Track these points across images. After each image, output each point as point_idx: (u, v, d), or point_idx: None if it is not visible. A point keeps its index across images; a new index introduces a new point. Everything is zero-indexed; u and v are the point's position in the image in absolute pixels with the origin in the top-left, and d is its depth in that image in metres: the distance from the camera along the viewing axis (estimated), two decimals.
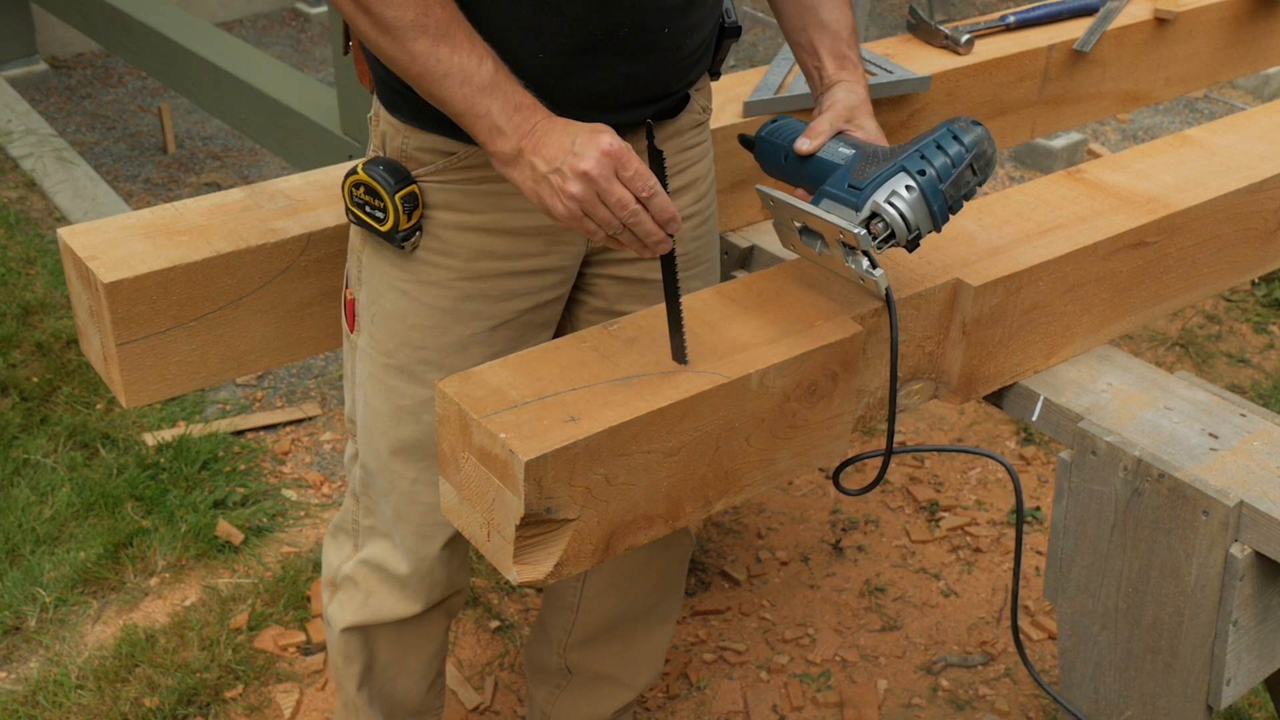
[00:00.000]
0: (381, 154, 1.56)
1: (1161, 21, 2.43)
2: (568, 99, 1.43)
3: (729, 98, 2.01)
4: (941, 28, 2.23)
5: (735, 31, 1.62)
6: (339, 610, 1.84)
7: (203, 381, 1.73)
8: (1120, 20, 2.38)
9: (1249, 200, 1.81)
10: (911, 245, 1.42)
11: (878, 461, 1.53)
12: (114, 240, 1.67)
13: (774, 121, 1.58)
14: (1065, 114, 2.40)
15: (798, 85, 2.02)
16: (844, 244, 1.41)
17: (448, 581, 1.78)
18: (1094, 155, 4.53)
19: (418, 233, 1.54)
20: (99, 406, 3.05)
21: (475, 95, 1.33)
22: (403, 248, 1.54)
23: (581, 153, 1.30)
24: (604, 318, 1.68)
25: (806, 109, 2.00)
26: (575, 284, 1.68)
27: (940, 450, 1.54)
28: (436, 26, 1.32)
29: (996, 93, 2.25)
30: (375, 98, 1.57)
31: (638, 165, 1.31)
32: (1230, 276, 1.88)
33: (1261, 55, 2.69)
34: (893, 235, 1.39)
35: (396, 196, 1.50)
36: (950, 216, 1.42)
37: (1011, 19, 2.33)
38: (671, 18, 1.47)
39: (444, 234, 1.54)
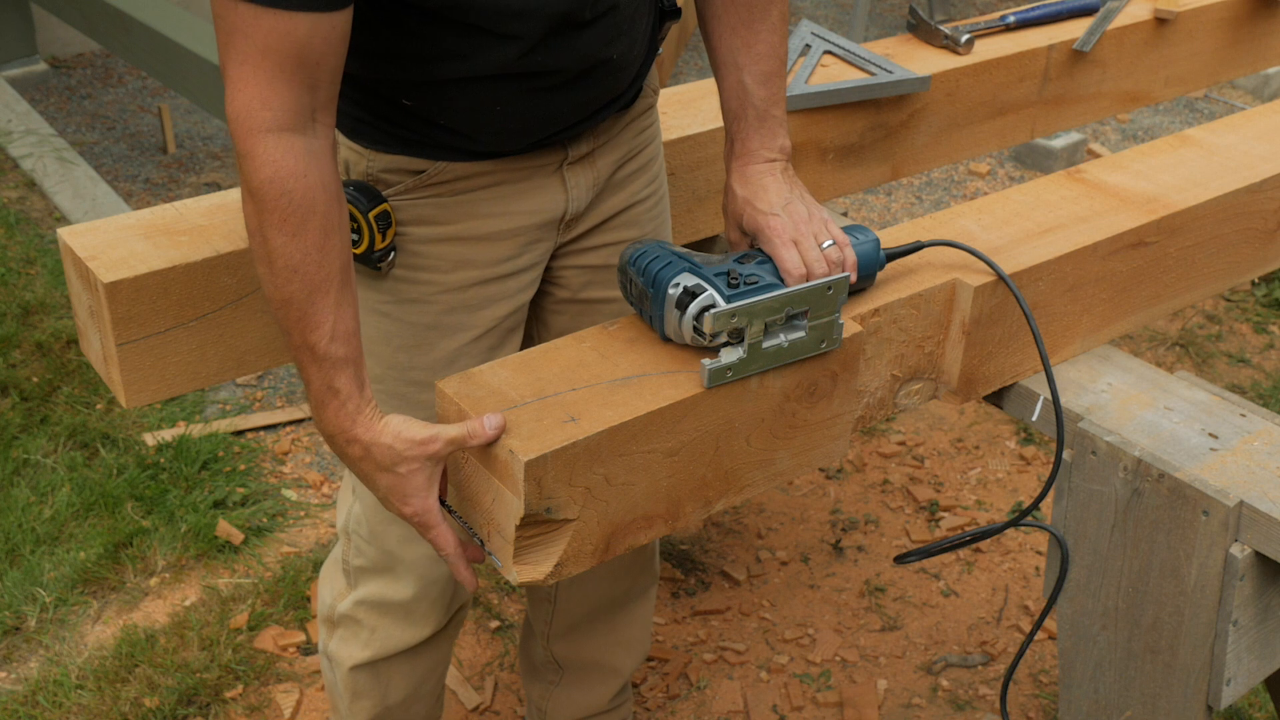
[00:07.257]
0: (346, 178, 1.54)
1: (1161, 21, 2.43)
2: (520, 129, 1.47)
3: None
4: (941, 28, 2.23)
5: (675, 13, 1.61)
6: (342, 647, 1.82)
7: (203, 381, 1.73)
8: (1120, 20, 2.38)
9: (1249, 200, 1.81)
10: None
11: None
12: (114, 240, 1.67)
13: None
14: (1065, 114, 2.40)
15: (797, 86, 2.02)
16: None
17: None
18: (1094, 155, 4.53)
19: (392, 252, 1.52)
20: (99, 406, 3.05)
21: (314, 366, 1.30)
22: (379, 269, 1.52)
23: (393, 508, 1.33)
24: (570, 307, 1.69)
25: (806, 109, 2.00)
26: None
27: (994, 532, 1.53)
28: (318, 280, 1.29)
29: (996, 93, 2.25)
30: None
31: (434, 534, 1.33)
32: (1230, 276, 1.88)
33: (1261, 55, 2.69)
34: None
35: (370, 215, 1.48)
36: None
37: (1011, 19, 2.32)
38: (611, 53, 1.48)
39: (420, 249, 1.53)
